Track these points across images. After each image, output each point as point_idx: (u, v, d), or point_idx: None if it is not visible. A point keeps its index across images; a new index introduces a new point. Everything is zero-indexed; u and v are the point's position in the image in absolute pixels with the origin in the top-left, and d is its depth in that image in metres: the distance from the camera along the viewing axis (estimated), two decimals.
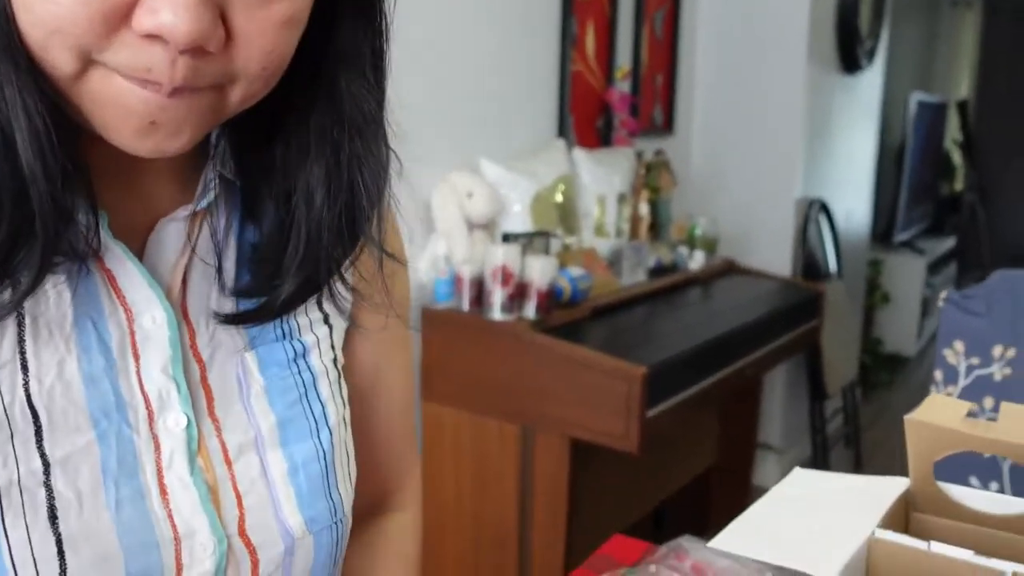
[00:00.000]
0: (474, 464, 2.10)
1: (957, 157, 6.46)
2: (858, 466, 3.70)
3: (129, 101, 0.48)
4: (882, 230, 5.13)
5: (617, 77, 2.87)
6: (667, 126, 3.23)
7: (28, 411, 0.52)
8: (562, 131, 2.66)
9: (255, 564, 0.59)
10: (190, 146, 0.52)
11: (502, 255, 2.04)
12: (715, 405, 2.79)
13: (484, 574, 2.12)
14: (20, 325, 0.53)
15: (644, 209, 2.75)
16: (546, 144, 2.56)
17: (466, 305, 2.08)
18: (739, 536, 0.75)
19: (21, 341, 0.53)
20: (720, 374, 2.27)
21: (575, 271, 2.24)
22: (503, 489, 2.06)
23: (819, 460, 3.38)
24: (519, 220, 2.29)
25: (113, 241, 0.56)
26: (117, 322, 0.56)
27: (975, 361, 1.32)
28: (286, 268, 0.59)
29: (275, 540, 0.60)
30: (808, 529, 0.78)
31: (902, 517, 0.84)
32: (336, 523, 0.64)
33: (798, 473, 0.90)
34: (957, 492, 0.82)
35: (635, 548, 1.29)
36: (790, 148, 3.31)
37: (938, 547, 0.72)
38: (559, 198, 2.44)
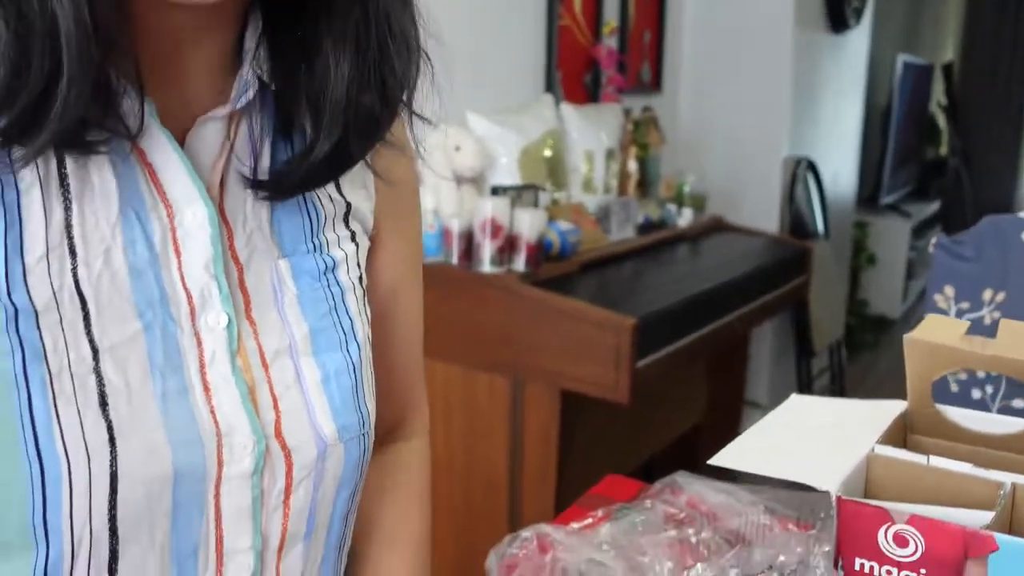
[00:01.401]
0: (465, 417, 2.10)
1: (942, 121, 6.47)
2: None
3: None
4: (868, 192, 5.14)
5: (604, 33, 2.85)
6: (655, 84, 3.21)
7: (76, 296, 0.52)
8: (550, 86, 2.64)
9: (289, 467, 0.59)
10: None
11: (491, 208, 2.03)
12: (703, 361, 2.79)
13: (475, 524, 2.12)
14: (67, 210, 0.52)
15: (632, 166, 2.74)
16: (534, 99, 2.54)
17: (455, 259, 2.06)
18: (738, 454, 0.75)
19: (68, 226, 0.52)
20: (709, 327, 2.27)
21: (564, 225, 2.23)
22: (494, 441, 2.06)
23: None
24: (507, 174, 2.27)
25: (160, 129, 0.55)
26: (158, 217, 0.56)
27: (965, 305, 1.32)
28: (317, 136, 0.59)
29: (309, 445, 0.60)
30: (806, 447, 0.78)
31: (900, 439, 0.83)
32: (364, 435, 0.64)
33: (795, 399, 0.89)
34: (954, 413, 0.82)
35: (629, 487, 1.29)
36: (777, 106, 3.30)
37: (937, 461, 0.72)
38: (547, 153, 2.42)
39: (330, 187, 0.65)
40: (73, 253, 0.52)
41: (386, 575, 0.74)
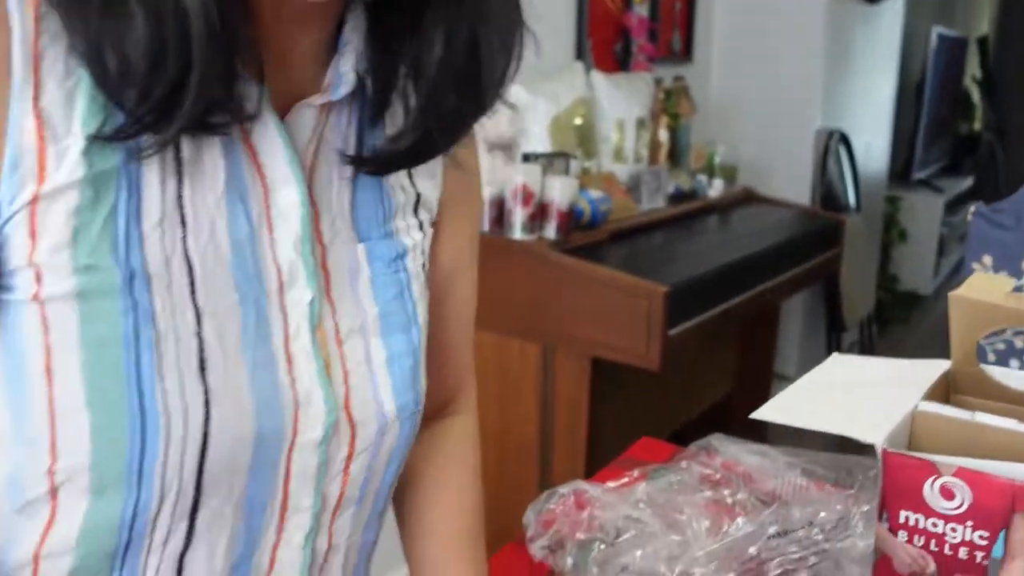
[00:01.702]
0: (496, 382, 2.10)
1: (976, 95, 6.36)
2: None
3: None
4: (900, 167, 5.08)
5: (635, 1, 2.82)
6: (686, 53, 3.18)
7: (185, 264, 0.55)
8: (580, 54, 2.62)
9: (353, 438, 0.64)
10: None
11: (522, 175, 2.02)
12: (733, 332, 2.78)
13: (506, 488, 2.13)
14: (180, 183, 0.55)
15: (663, 135, 2.72)
16: (565, 67, 2.52)
17: (487, 225, 2.06)
18: (779, 409, 0.74)
19: (180, 197, 0.55)
20: (740, 298, 2.26)
21: (595, 194, 2.23)
22: (525, 407, 2.07)
23: None
24: (538, 141, 2.26)
25: (270, 114, 0.58)
26: (256, 195, 0.59)
27: (1004, 275, 1.30)
28: (409, 121, 0.62)
29: (372, 419, 0.64)
30: (849, 404, 0.77)
31: (943, 398, 0.83)
32: (416, 413, 0.68)
33: (836, 357, 0.89)
34: (999, 373, 0.81)
35: (663, 449, 1.29)
36: (810, 77, 3.26)
37: (983, 417, 0.71)
38: (578, 121, 2.41)
39: (403, 176, 0.68)
40: (183, 223, 0.56)
41: (446, 541, 0.78)
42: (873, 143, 4.14)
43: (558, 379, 2.03)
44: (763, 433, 1.53)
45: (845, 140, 3.57)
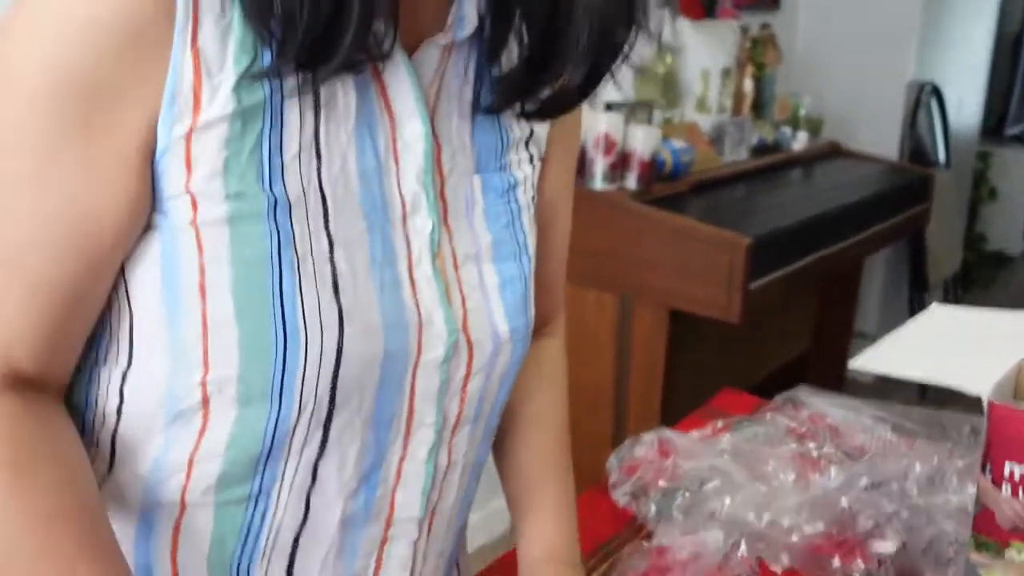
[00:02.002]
0: (573, 331, 2.10)
1: None
2: None
3: None
4: (993, 122, 4.88)
5: None
6: (774, 0, 3.09)
7: (319, 194, 0.59)
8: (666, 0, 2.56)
9: (471, 358, 0.67)
10: None
11: (604, 123, 2.00)
12: (814, 287, 2.73)
13: (580, 436, 2.14)
14: (317, 117, 0.59)
15: (748, 85, 2.66)
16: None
17: None
18: (879, 358, 0.73)
19: (316, 131, 0.59)
20: (822, 252, 2.22)
21: (677, 144, 2.19)
22: (601, 357, 2.07)
23: None
24: (621, 88, 2.23)
25: (400, 53, 0.62)
26: (384, 129, 0.63)
27: None
28: (571, 59, 0.64)
29: (487, 340, 0.68)
30: (952, 354, 0.75)
31: None
32: (527, 336, 0.72)
33: (936, 308, 0.86)
34: None
35: (746, 401, 1.28)
36: (902, 27, 3.14)
37: None
38: (661, 69, 2.36)
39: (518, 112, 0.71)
40: (319, 155, 0.59)
41: (539, 452, 0.82)
42: (966, 96, 3.98)
43: (635, 329, 2.02)
44: (840, 389, 1.50)
45: (937, 93, 3.44)
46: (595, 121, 2.01)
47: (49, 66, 0.53)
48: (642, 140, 2.03)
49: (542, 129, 0.74)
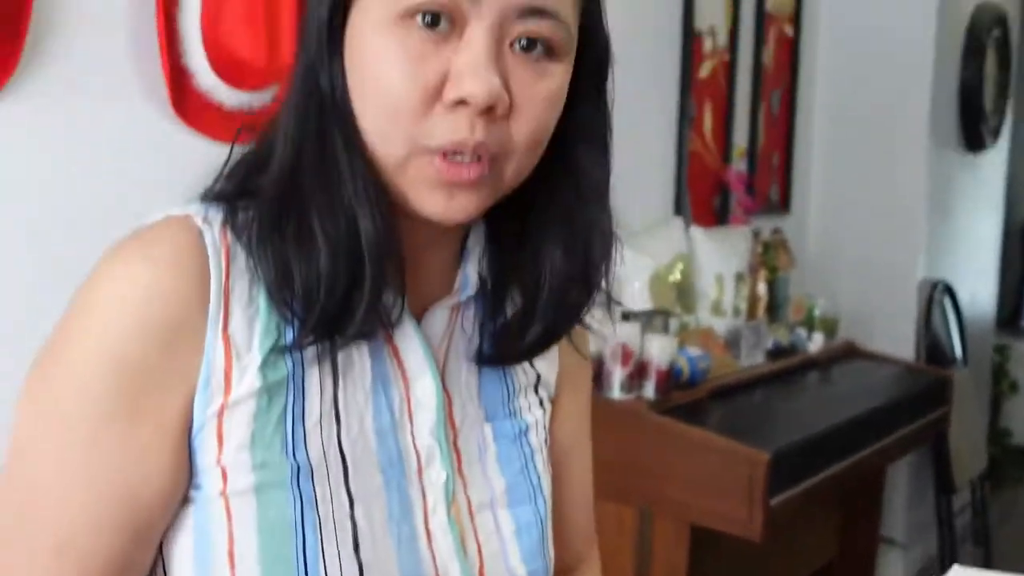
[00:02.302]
0: None
1: None
2: (988, 564, 3.48)
3: (441, 176, 0.61)
4: (1008, 314, 4.91)
5: (734, 156, 2.86)
6: (783, 204, 3.19)
7: (339, 456, 0.63)
8: (679, 209, 2.65)
9: None
10: (477, 214, 0.64)
11: (621, 334, 2.02)
12: (837, 495, 2.67)
13: None
14: (335, 383, 0.64)
15: (762, 289, 2.70)
16: (663, 222, 2.55)
17: None
18: None
19: (335, 397, 0.64)
20: (845, 462, 2.18)
21: (694, 351, 2.21)
22: (620, 573, 2.01)
23: (946, 557, 3.19)
24: (638, 298, 2.27)
25: (409, 319, 0.67)
26: (398, 388, 0.68)
27: None
28: (532, 321, 0.70)
29: None
30: None
31: None
32: None
33: (957, 571, 0.84)
34: None
35: None
36: (911, 228, 3.21)
37: None
38: (677, 276, 2.41)
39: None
40: (338, 419, 0.64)
41: None
42: (979, 292, 4.03)
43: (655, 544, 1.97)
44: None
45: (949, 291, 3.48)
46: (612, 331, 2.03)
47: (102, 358, 0.58)
48: (659, 349, 2.05)
49: (550, 373, 0.78)
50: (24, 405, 0.61)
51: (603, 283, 0.71)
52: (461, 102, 0.59)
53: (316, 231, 0.61)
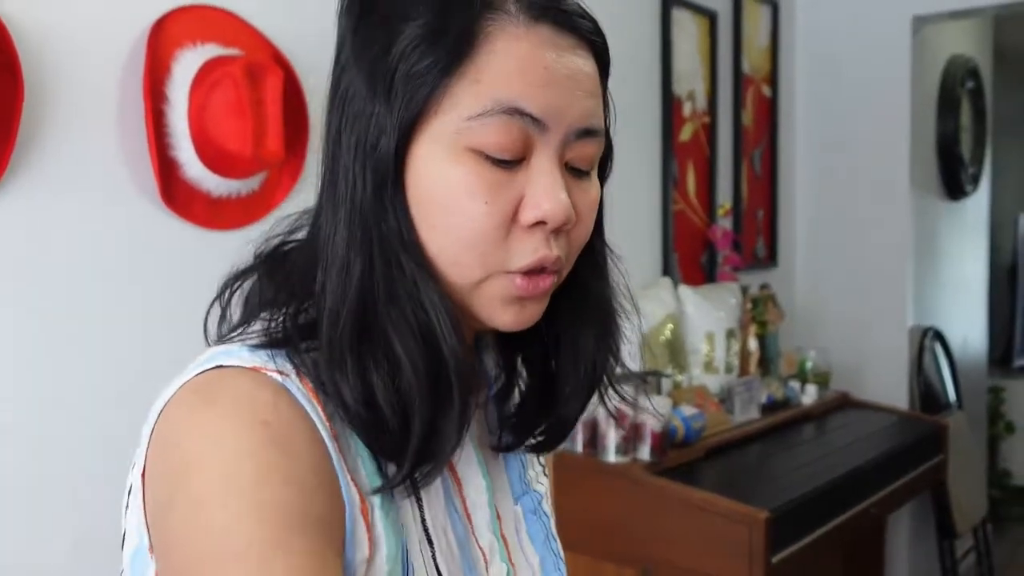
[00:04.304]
0: None
1: None
2: None
3: (520, 293, 0.64)
4: (1000, 355, 4.94)
5: (719, 214, 2.90)
6: (770, 259, 3.23)
7: (436, 573, 0.65)
8: (667, 269, 2.68)
9: None
10: (538, 319, 0.67)
11: (615, 397, 2.04)
12: (838, 548, 2.67)
13: None
14: (420, 507, 0.66)
15: (753, 344, 2.72)
16: (652, 283, 2.59)
17: (579, 447, 2.07)
18: None
19: (423, 520, 0.66)
20: (844, 515, 2.19)
21: (688, 410, 2.22)
22: None
23: None
24: (629, 359, 2.29)
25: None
26: (457, 494, 0.71)
27: None
28: (569, 396, 0.73)
29: None
30: None
31: None
32: None
33: None
34: None
35: None
36: (898, 276, 3.25)
37: None
38: (667, 336, 2.44)
39: None
40: (430, 542, 0.66)
41: None
42: (970, 335, 4.06)
43: None
44: None
45: (940, 336, 3.51)
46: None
47: (270, 518, 0.54)
48: (653, 410, 2.06)
49: None
50: None
51: (621, 355, 0.75)
52: (539, 223, 0.62)
53: (402, 362, 0.60)
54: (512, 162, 0.61)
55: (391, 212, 0.61)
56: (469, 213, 0.61)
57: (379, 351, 0.61)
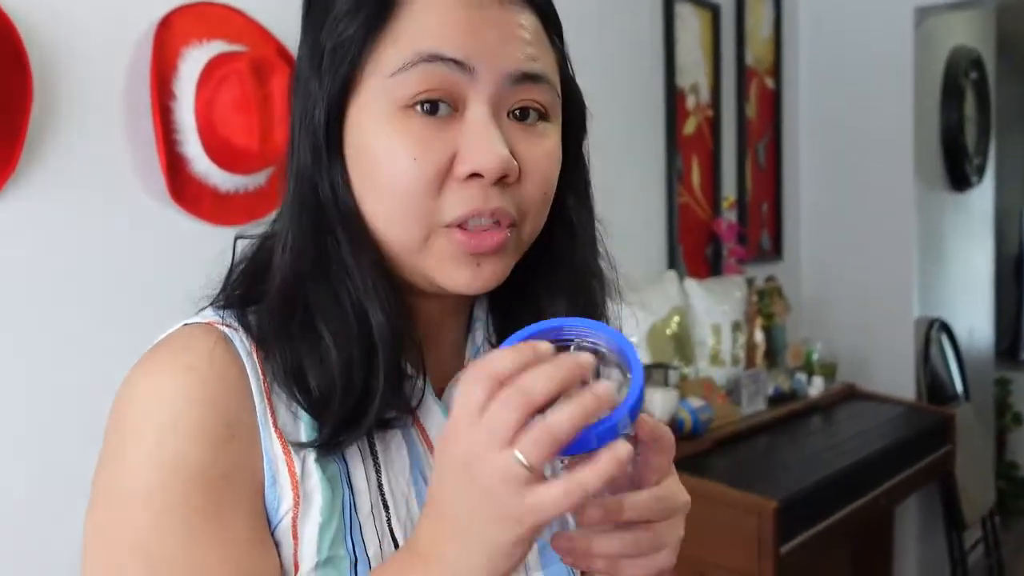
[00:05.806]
0: None
1: None
2: None
3: (465, 248, 0.62)
4: (1007, 347, 4.93)
5: (724, 207, 2.90)
6: (775, 252, 3.23)
7: (391, 542, 0.65)
8: (672, 263, 2.69)
9: None
10: (502, 280, 0.66)
11: None
12: (846, 538, 2.67)
13: None
14: (378, 473, 0.66)
15: (759, 336, 2.73)
16: (658, 276, 2.59)
17: None
18: None
19: (380, 485, 0.66)
20: (852, 506, 2.19)
21: (695, 402, 2.23)
22: None
23: None
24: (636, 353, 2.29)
25: (432, 396, 0.69)
26: (430, 466, 0.68)
27: None
28: None
29: None
30: None
31: None
32: None
33: None
34: None
35: None
36: (903, 268, 3.24)
37: None
38: (674, 329, 2.44)
39: None
40: (386, 507, 0.65)
41: None
42: (976, 326, 4.05)
43: None
44: None
45: (946, 327, 3.50)
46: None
47: (167, 469, 0.59)
48: (660, 403, 2.07)
49: None
50: (93, 543, 0.61)
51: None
52: (474, 175, 0.61)
53: (323, 332, 0.62)
54: (441, 113, 0.61)
55: (326, 180, 0.64)
56: (397, 168, 0.61)
57: (307, 326, 0.63)
